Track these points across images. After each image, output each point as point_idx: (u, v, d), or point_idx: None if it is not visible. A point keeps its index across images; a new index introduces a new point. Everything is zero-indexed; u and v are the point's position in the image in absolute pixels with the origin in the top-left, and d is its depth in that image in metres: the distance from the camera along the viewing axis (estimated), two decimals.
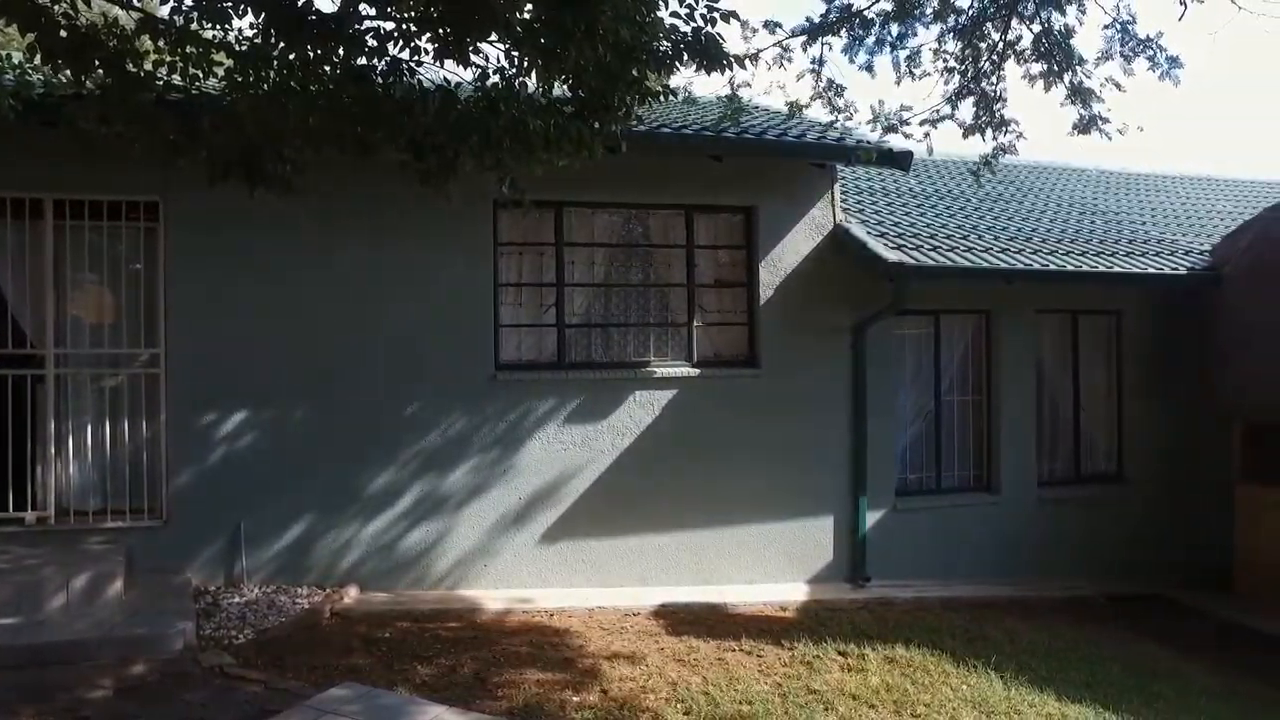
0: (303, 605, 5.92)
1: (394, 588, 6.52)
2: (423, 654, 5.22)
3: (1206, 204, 11.06)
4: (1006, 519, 8.10)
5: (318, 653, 5.10)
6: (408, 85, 3.67)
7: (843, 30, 5.23)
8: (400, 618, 5.92)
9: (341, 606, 6.01)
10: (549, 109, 3.84)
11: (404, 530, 6.61)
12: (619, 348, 7.29)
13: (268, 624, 5.51)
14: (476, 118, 3.67)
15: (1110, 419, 8.67)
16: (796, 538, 7.44)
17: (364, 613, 5.96)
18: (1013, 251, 7.83)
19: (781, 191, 7.43)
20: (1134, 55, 5.20)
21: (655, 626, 6.19)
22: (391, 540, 6.58)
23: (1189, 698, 5.50)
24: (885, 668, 5.55)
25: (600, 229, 7.30)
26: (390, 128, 3.64)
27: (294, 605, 5.91)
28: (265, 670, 4.75)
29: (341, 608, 5.99)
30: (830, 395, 7.52)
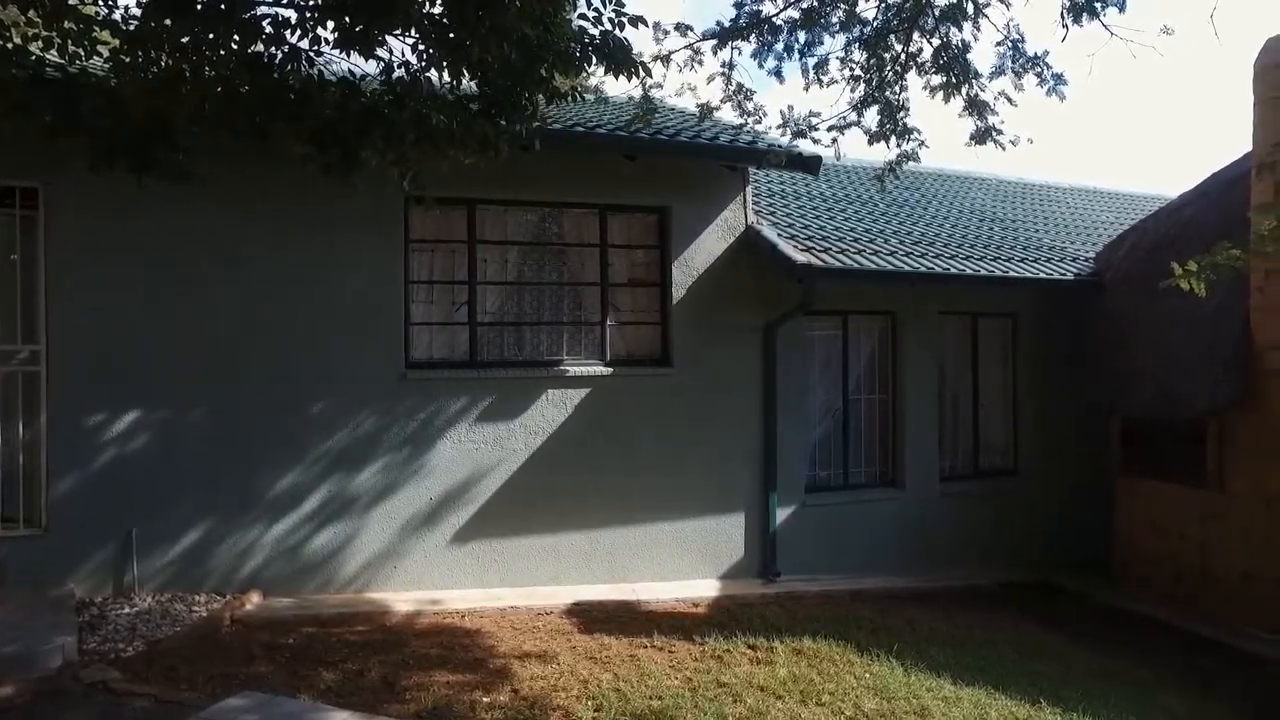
0: (200, 613, 5.69)
1: (299, 592, 6.33)
2: (328, 659, 5.09)
3: (1091, 214, 11.72)
4: (911, 513, 8.41)
5: (215, 662, 4.90)
6: (307, 75, 3.56)
7: (752, 36, 5.34)
8: (305, 623, 5.75)
9: (243, 613, 5.80)
10: (455, 105, 3.79)
11: (310, 533, 6.43)
12: (532, 346, 7.25)
13: (161, 635, 5.27)
14: (380, 111, 3.59)
15: (1006, 416, 9.09)
16: (709, 535, 7.55)
17: (267, 619, 5.77)
18: (917, 255, 8.13)
19: (694, 193, 7.53)
20: (1024, 71, 5.48)
21: (568, 625, 6.19)
22: (297, 543, 6.38)
23: (1071, 676, 5.82)
24: (793, 659, 5.68)
25: (514, 227, 7.25)
26: (289, 118, 3.52)
27: (191, 614, 5.68)
28: (156, 683, 4.54)
29: (243, 614, 5.78)
30: (742, 393, 7.65)
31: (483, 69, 3.65)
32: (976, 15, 5.30)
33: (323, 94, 3.51)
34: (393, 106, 3.63)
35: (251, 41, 3.49)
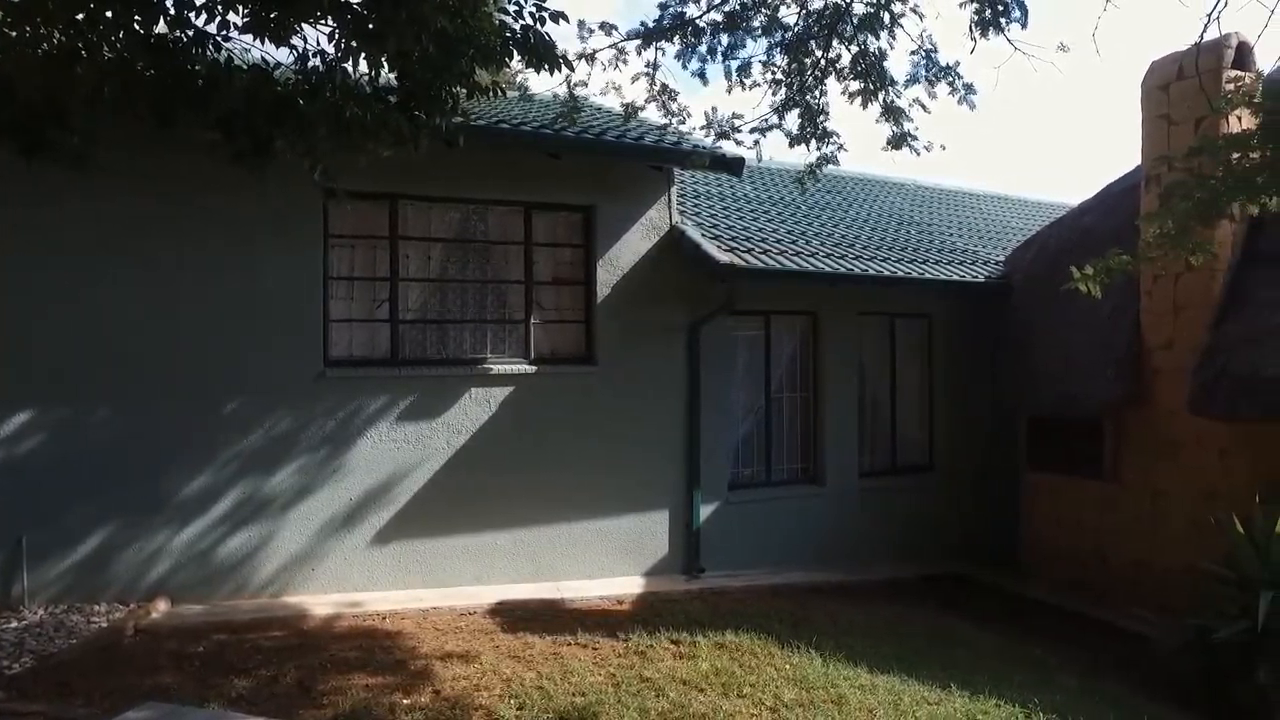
0: (100, 624, 5.44)
1: (211, 598, 6.11)
2: (241, 666, 4.92)
3: (1002, 220, 12.22)
4: (831, 509, 8.61)
5: (116, 675, 4.69)
6: (214, 60, 3.42)
7: (676, 37, 5.39)
8: (217, 629, 5.56)
9: (148, 622, 5.56)
10: (371, 98, 3.71)
11: (223, 536, 6.21)
12: (455, 344, 7.16)
13: (54, 649, 5.00)
14: (293, 101, 3.48)
15: (922, 414, 9.39)
16: (633, 532, 7.58)
17: (174, 627, 5.55)
18: (837, 256, 8.33)
19: (620, 192, 7.56)
20: (937, 80, 5.68)
21: (491, 625, 6.14)
22: (208, 547, 6.16)
23: (980, 661, 6.06)
24: (715, 653, 5.75)
25: (437, 224, 7.15)
26: (195, 104, 3.38)
27: (89, 625, 5.42)
28: (46, 700, 4.30)
29: (148, 624, 5.55)
30: (666, 392, 7.72)
31: (401, 61, 3.59)
32: (892, 25, 5.47)
33: (231, 81, 3.38)
34: (307, 97, 3.52)
35: (153, 22, 3.34)
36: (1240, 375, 6.27)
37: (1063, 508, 8.01)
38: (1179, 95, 6.92)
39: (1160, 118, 6.98)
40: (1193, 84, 6.84)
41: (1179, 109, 6.88)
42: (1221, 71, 6.70)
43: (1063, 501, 8.01)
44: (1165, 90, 7.03)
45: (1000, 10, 4.98)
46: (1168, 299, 6.99)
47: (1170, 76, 7.01)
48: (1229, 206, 4.65)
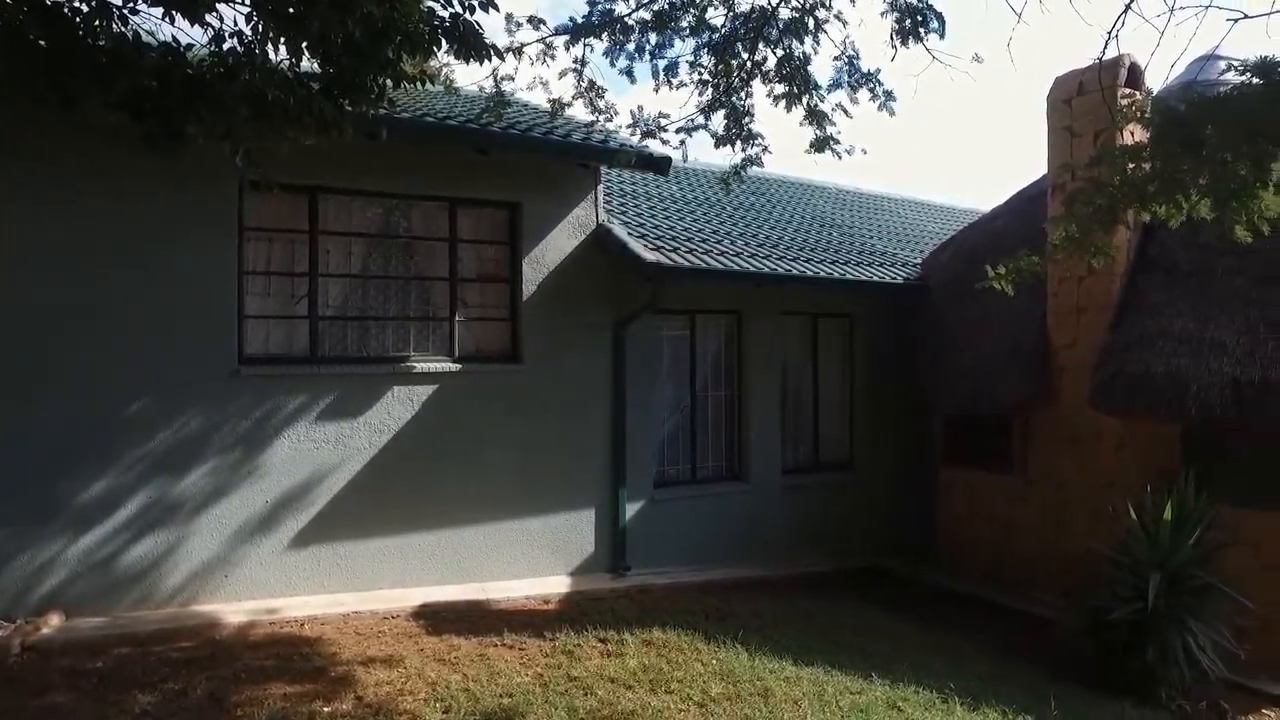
0: None
1: (112, 610, 5.78)
2: (146, 680, 4.68)
3: (919, 223, 12.64)
4: (755, 505, 8.74)
5: None
6: (119, 35, 3.23)
7: (605, 34, 5.38)
8: (119, 643, 5.26)
9: (38, 638, 5.21)
10: (293, 82, 3.57)
11: (126, 543, 5.89)
12: (377, 342, 6.99)
13: None
14: (207, 82, 3.31)
15: (843, 411, 9.61)
16: (559, 531, 7.54)
17: (69, 642, 5.22)
18: (761, 257, 8.46)
19: (546, 189, 7.50)
20: (858, 86, 5.82)
21: (415, 628, 6.01)
22: (109, 556, 5.83)
23: (900, 651, 6.25)
24: (642, 650, 5.77)
25: (359, 218, 6.96)
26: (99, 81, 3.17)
27: None
28: None
29: (38, 639, 5.20)
30: (591, 390, 7.70)
31: (324, 47, 3.47)
32: (816, 30, 5.58)
33: (139, 58, 3.19)
34: (222, 79, 3.36)
35: None
36: (1134, 374, 6.65)
37: (976, 501, 8.33)
38: (1080, 109, 7.30)
39: (1064, 129, 7.34)
40: (1092, 99, 7.23)
41: (1080, 122, 7.26)
42: (1117, 89, 7.09)
43: (976, 495, 8.34)
44: (1068, 104, 7.40)
45: (919, 20, 5.14)
46: (1071, 301, 7.36)
47: (1072, 91, 7.39)
48: (1125, 213, 4.93)
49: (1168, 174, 4.40)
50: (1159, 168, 4.43)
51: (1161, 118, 4.43)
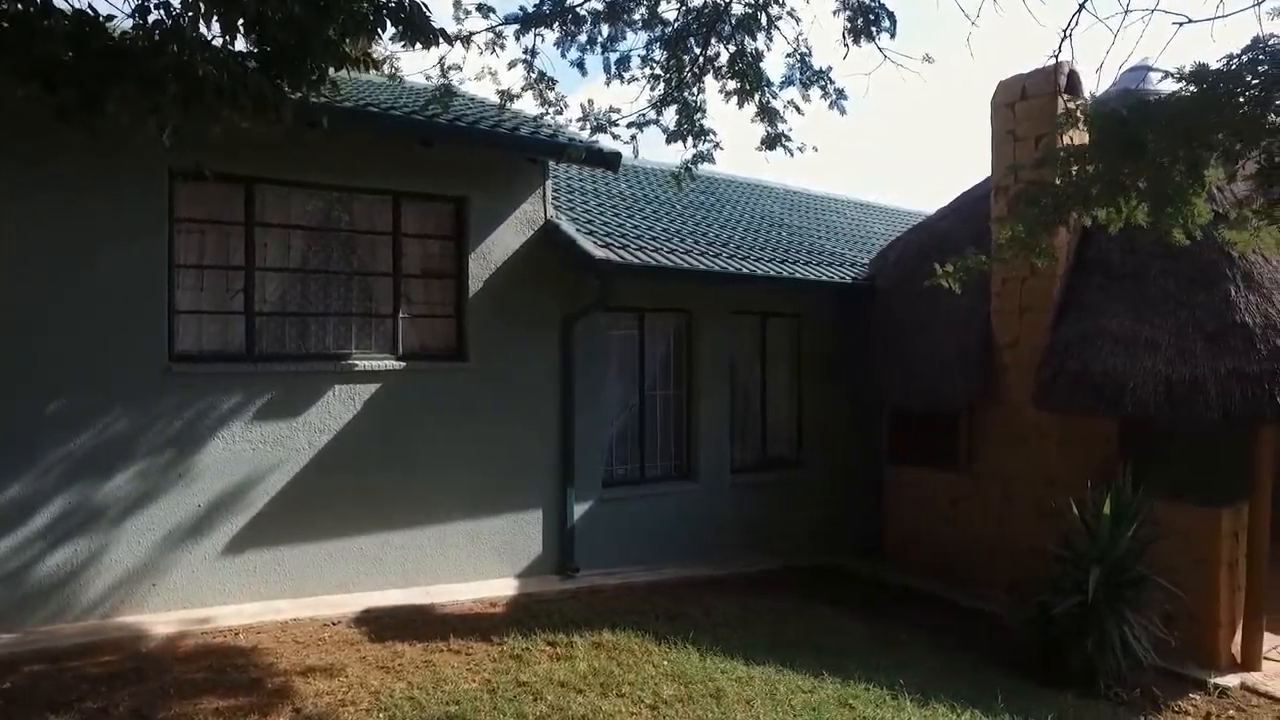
0: None
1: (23, 626, 5.44)
2: (61, 699, 4.41)
3: (865, 224, 12.81)
4: (705, 504, 8.71)
5: None
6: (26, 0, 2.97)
7: (556, 24, 5.28)
8: (31, 660, 4.96)
9: None
10: (229, 59, 3.36)
11: (40, 553, 5.56)
12: (317, 339, 6.74)
13: None
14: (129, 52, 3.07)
15: (792, 410, 9.65)
16: (506, 532, 7.40)
17: None
18: (711, 255, 8.44)
19: (493, 184, 7.35)
20: (810, 83, 5.82)
21: (357, 635, 5.82)
22: (21, 566, 5.49)
23: (849, 647, 6.28)
24: (593, 653, 5.69)
25: (298, 210, 6.70)
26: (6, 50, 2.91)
27: None
28: None
29: None
30: (539, 389, 7.58)
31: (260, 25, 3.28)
32: (769, 27, 5.57)
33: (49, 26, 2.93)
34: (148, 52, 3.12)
35: None
36: (1074, 373, 6.80)
37: (922, 497, 8.45)
38: (1023, 113, 7.45)
39: (1007, 133, 7.49)
40: (1035, 103, 7.39)
41: (1023, 126, 7.41)
42: (1057, 95, 7.27)
43: (922, 492, 8.45)
44: (1011, 108, 7.55)
45: (871, 20, 5.16)
46: (1014, 301, 7.50)
47: (1015, 96, 7.54)
48: (1069, 215, 5.02)
49: (1110, 177, 4.49)
50: (1102, 170, 4.51)
51: (1104, 121, 4.52)
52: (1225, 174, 4.78)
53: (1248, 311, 6.38)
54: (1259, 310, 6.40)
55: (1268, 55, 4.48)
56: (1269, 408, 5.95)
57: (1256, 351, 6.18)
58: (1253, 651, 6.34)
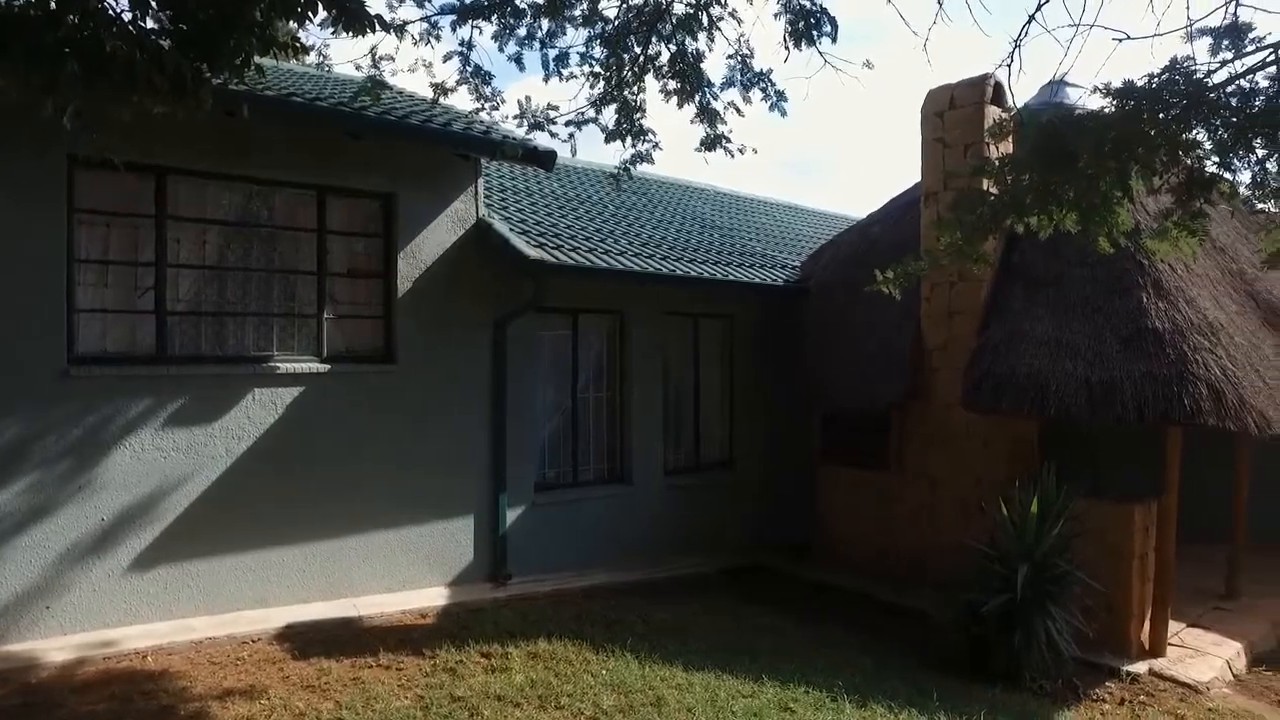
0: None
1: None
2: None
3: (794, 227, 12.96)
4: (638, 507, 8.64)
5: None
6: None
7: (494, 16, 5.10)
8: None
9: None
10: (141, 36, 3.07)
11: None
12: (236, 340, 6.38)
13: None
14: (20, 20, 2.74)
15: (724, 411, 9.68)
16: (436, 540, 7.17)
17: None
18: (645, 256, 8.37)
19: (424, 180, 7.11)
20: (751, 85, 5.80)
21: (279, 652, 5.52)
22: None
23: (786, 649, 6.30)
24: (529, 664, 5.55)
25: (215, 204, 6.33)
26: None
27: None
28: None
29: None
30: (470, 392, 7.37)
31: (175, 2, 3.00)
32: (711, 27, 5.52)
33: None
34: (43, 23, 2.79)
35: None
36: (1000, 375, 6.99)
37: (853, 497, 8.57)
38: (952, 122, 7.63)
39: (936, 140, 7.65)
40: (963, 112, 7.57)
41: (952, 134, 7.58)
42: (984, 105, 7.47)
43: (854, 492, 8.57)
44: (940, 117, 7.72)
45: (812, 23, 5.16)
46: (944, 305, 7.67)
47: (944, 105, 7.71)
48: (1004, 222, 5.14)
49: (1044, 186, 4.60)
50: (1036, 180, 4.62)
51: (1039, 133, 4.63)
52: (1146, 187, 4.95)
53: (1158, 318, 6.67)
54: (1167, 316, 6.69)
55: (1183, 76, 4.68)
56: (1177, 409, 6.22)
57: (1166, 355, 6.46)
58: (1159, 638, 6.63)
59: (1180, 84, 4.65)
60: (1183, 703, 5.92)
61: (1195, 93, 4.48)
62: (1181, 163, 4.79)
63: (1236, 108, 4.62)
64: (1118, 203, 4.86)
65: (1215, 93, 4.56)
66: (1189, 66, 4.68)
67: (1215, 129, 4.73)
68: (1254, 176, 4.94)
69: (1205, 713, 5.80)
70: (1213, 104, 4.53)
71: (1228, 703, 6.01)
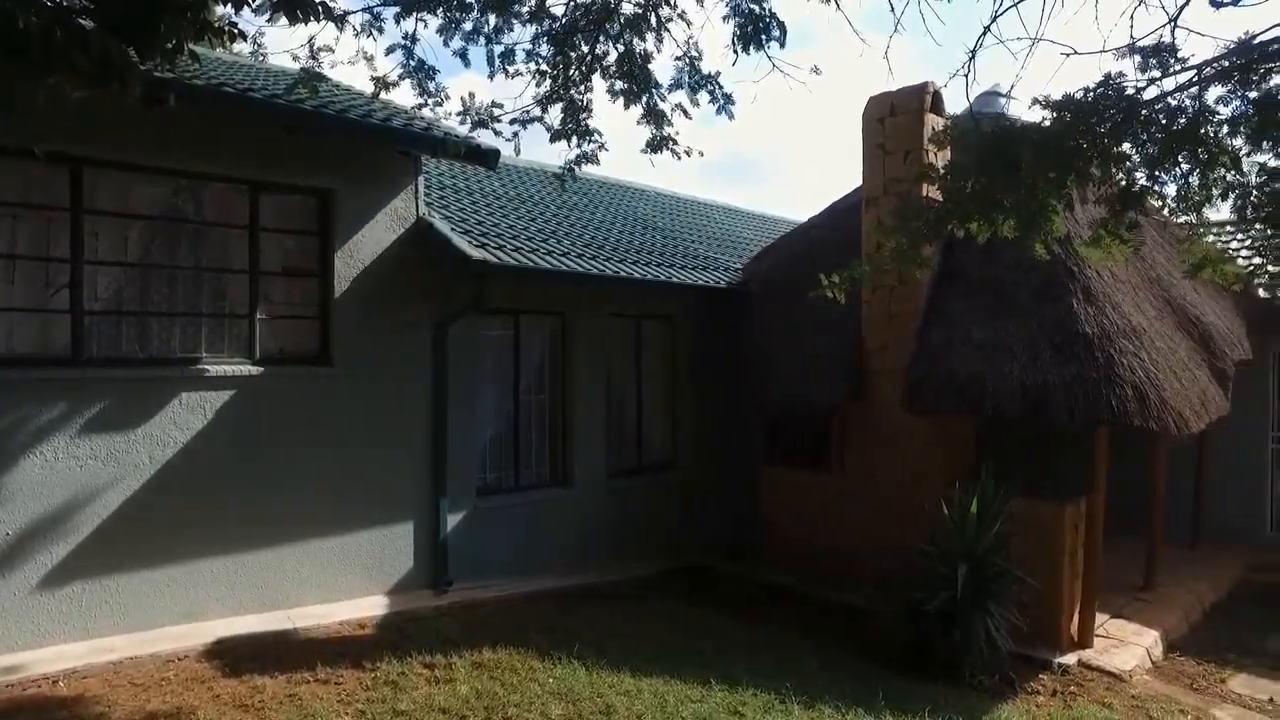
0: None
1: None
2: None
3: (735, 230, 13.03)
4: (581, 511, 8.55)
5: None
6: None
7: (440, 9, 4.96)
8: None
9: None
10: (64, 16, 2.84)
11: None
12: (161, 342, 6.06)
13: None
14: None
15: (668, 413, 9.65)
16: (375, 547, 6.95)
17: None
18: (589, 257, 8.29)
19: (362, 177, 6.88)
20: (699, 88, 5.80)
21: (208, 669, 5.26)
22: None
23: (732, 651, 6.29)
24: (474, 674, 5.42)
25: (139, 197, 6.00)
26: None
27: None
28: None
29: None
30: (410, 395, 7.17)
31: None
32: (659, 28, 5.49)
33: None
34: None
35: None
36: (939, 377, 7.14)
37: (797, 498, 8.64)
38: (892, 129, 7.76)
39: (877, 147, 7.78)
40: (903, 120, 7.72)
41: (892, 141, 7.72)
42: (924, 113, 7.62)
43: (797, 493, 8.64)
44: (881, 123, 7.84)
45: (761, 27, 5.17)
46: (884, 308, 7.80)
47: (885, 111, 7.84)
48: (947, 227, 5.24)
49: (988, 193, 4.70)
50: (980, 187, 4.72)
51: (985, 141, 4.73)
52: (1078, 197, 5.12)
53: (1087, 322, 6.90)
54: (1095, 321, 6.93)
55: (1115, 91, 4.86)
56: (1105, 410, 6.45)
57: (1095, 359, 6.69)
58: (1086, 630, 6.87)
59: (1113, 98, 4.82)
60: (1109, 691, 6.15)
61: (1129, 108, 4.65)
62: (1115, 174, 4.96)
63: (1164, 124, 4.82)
64: (1054, 211, 5.01)
65: (1146, 109, 4.74)
66: (1120, 82, 4.85)
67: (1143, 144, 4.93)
68: (1179, 190, 5.17)
69: (1129, 700, 6.03)
70: (1144, 120, 4.71)
71: (1148, 689, 6.26)
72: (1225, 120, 4.86)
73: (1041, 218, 5.05)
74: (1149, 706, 5.92)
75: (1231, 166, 4.88)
